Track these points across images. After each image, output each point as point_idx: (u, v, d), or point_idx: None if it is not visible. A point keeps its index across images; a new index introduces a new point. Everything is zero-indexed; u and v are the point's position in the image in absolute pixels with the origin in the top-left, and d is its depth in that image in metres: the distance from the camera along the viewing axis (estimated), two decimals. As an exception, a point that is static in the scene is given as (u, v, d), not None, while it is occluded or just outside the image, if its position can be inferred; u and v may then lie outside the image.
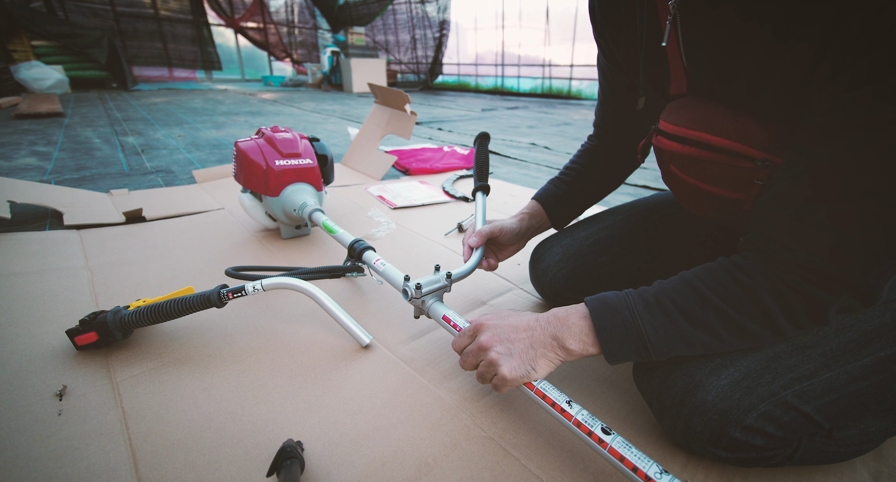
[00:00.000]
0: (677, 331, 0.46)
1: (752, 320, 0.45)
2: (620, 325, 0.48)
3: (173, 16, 7.55)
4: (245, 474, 0.52)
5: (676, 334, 0.47)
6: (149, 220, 1.30)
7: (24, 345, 0.72)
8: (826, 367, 0.48)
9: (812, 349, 0.49)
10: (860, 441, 0.53)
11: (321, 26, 9.67)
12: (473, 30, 8.00)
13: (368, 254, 0.84)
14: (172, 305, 0.70)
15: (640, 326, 0.47)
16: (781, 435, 0.48)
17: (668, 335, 0.47)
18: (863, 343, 0.48)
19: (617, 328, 0.48)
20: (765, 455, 0.51)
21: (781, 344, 0.50)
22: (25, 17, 5.24)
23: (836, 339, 0.49)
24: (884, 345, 0.48)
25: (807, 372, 0.48)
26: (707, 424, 0.49)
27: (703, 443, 0.50)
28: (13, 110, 3.44)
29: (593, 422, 0.47)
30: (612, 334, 0.48)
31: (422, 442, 0.57)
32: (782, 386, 0.47)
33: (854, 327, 0.49)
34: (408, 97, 1.86)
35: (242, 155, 1.09)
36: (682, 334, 0.46)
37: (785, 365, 0.48)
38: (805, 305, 0.43)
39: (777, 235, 0.44)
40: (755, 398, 0.47)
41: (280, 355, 0.73)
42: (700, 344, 0.47)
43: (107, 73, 6.05)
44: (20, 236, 1.13)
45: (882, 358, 0.48)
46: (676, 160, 0.57)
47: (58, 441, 0.55)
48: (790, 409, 0.47)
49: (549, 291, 0.86)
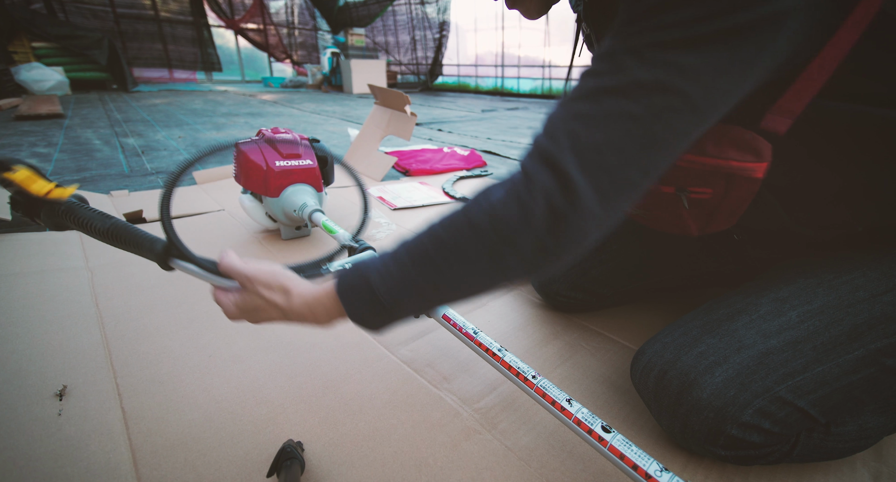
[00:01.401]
0: (399, 272, 0.41)
1: (477, 233, 0.38)
2: (356, 279, 0.43)
3: (173, 17, 7.55)
4: (245, 474, 0.52)
5: (398, 274, 0.41)
6: (149, 222, 1.30)
7: (24, 345, 0.72)
8: (818, 361, 0.48)
9: (803, 344, 0.49)
10: (858, 436, 0.53)
11: (321, 27, 9.67)
12: (473, 31, 8.00)
13: (368, 255, 0.84)
14: (115, 230, 0.53)
15: (369, 276, 0.42)
16: (778, 431, 0.49)
17: (391, 277, 0.41)
18: (853, 336, 0.48)
19: (354, 284, 0.43)
20: (763, 452, 0.51)
21: (773, 339, 0.50)
22: (26, 18, 5.24)
23: (827, 333, 0.49)
24: (874, 337, 0.48)
25: (799, 366, 0.48)
26: (704, 422, 0.49)
27: (701, 441, 0.51)
28: (13, 112, 3.44)
29: (593, 420, 0.47)
30: (350, 290, 0.43)
31: (422, 442, 0.57)
32: (776, 381, 0.48)
33: (845, 321, 0.49)
34: (408, 98, 1.86)
35: (243, 156, 1.09)
36: (404, 273, 0.41)
37: (777, 360, 0.49)
38: (520, 207, 0.36)
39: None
40: (750, 394, 0.47)
41: (280, 355, 0.73)
42: (425, 282, 0.40)
43: (107, 74, 6.05)
44: (20, 237, 1.13)
45: (873, 350, 0.48)
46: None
47: (58, 441, 0.55)
48: (785, 405, 0.48)
49: (548, 291, 0.86)
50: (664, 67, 0.33)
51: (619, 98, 0.34)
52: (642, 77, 0.33)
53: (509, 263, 0.38)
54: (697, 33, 0.32)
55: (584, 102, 0.36)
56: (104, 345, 0.74)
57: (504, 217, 0.36)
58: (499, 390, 0.67)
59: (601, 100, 0.35)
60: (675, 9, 0.32)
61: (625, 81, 0.34)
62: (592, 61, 0.38)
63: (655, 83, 0.33)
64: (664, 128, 0.34)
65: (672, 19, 0.32)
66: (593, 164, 0.35)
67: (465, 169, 2.11)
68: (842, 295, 0.50)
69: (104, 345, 0.74)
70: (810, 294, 0.52)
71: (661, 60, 0.33)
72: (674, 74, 0.33)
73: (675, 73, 0.33)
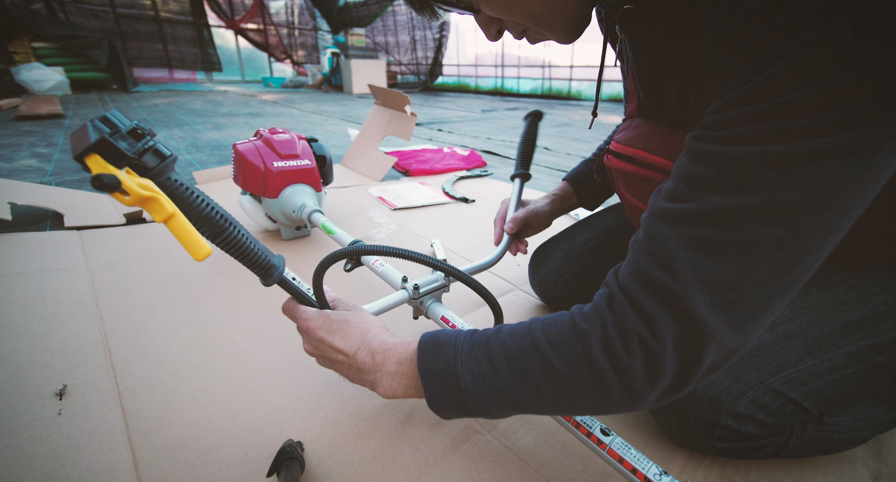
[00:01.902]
0: (497, 382, 0.37)
1: (580, 377, 0.34)
2: (442, 367, 0.39)
3: (173, 17, 7.56)
4: (245, 474, 0.52)
5: (496, 386, 0.37)
6: (149, 222, 1.30)
7: (24, 345, 0.72)
8: (810, 355, 0.49)
9: (795, 338, 0.50)
10: (853, 428, 0.54)
11: (321, 27, 9.68)
12: (473, 31, 8.00)
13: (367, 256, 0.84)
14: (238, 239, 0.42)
15: (459, 372, 0.38)
16: (772, 422, 0.49)
17: (486, 385, 0.37)
18: (845, 332, 0.49)
19: (439, 370, 0.39)
20: (759, 444, 0.51)
21: (766, 332, 0.50)
22: (26, 18, 5.25)
23: (819, 328, 0.50)
24: (865, 334, 0.48)
25: (791, 359, 0.49)
26: (699, 413, 0.50)
27: (698, 434, 0.51)
28: (14, 112, 3.44)
29: (592, 423, 0.47)
30: (433, 376, 0.40)
31: (422, 442, 0.57)
32: (769, 373, 0.48)
33: (836, 318, 0.50)
34: (408, 98, 1.86)
35: (241, 157, 1.09)
36: (503, 386, 0.37)
37: (770, 353, 0.49)
38: (638, 354, 0.32)
39: (633, 254, 0.35)
40: (743, 385, 0.48)
41: (280, 355, 0.73)
42: (523, 402, 0.37)
43: (107, 74, 6.06)
44: (21, 236, 1.13)
45: (864, 347, 0.48)
46: (622, 179, 0.58)
47: (58, 440, 0.55)
48: (778, 396, 0.48)
49: (551, 297, 0.86)
50: (818, 183, 0.27)
51: (759, 224, 0.29)
52: (791, 199, 0.28)
53: (617, 401, 0.34)
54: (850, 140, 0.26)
55: (708, 227, 0.30)
56: (104, 344, 0.74)
57: (625, 364, 0.32)
58: (498, 390, 0.67)
59: (733, 225, 0.29)
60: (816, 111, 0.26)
61: (766, 203, 0.28)
62: (695, 161, 0.32)
63: (811, 204, 0.28)
64: (818, 248, 0.29)
65: (827, 120, 0.26)
66: (730, 303, 0.30)
67: (465, 169, 2.11)
68: (835, 293, 0.51)
69: (104, 344, 0.74)
70: (803, 292, 0.52)
71: (812, 175, 0.27)
72: (830, 190, 0.27)
73: (832, 189, 0.27)
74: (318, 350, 0.48)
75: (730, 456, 0.53)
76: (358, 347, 0.45)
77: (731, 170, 0.29)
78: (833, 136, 0.26)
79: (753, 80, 0.28)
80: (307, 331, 0.48)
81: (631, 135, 0.55)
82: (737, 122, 0.29)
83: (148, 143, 0.33)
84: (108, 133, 0.31)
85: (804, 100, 0.26)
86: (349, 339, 0.46)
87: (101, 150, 0.30)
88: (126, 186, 0.31)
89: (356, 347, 0.45)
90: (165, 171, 0.35)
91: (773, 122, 0.27)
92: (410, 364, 0.42)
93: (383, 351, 0.44)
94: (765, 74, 0.27)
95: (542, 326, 0.37)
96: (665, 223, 0.32)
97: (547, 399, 0.36)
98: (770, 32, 0.27)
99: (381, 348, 0.45)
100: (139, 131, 0.33)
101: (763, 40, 0.28)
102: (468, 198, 1.64)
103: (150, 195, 0.32)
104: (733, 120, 0.29)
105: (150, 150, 0.33)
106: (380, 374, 0.44)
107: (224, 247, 0.41)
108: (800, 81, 0.26)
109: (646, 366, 0.32)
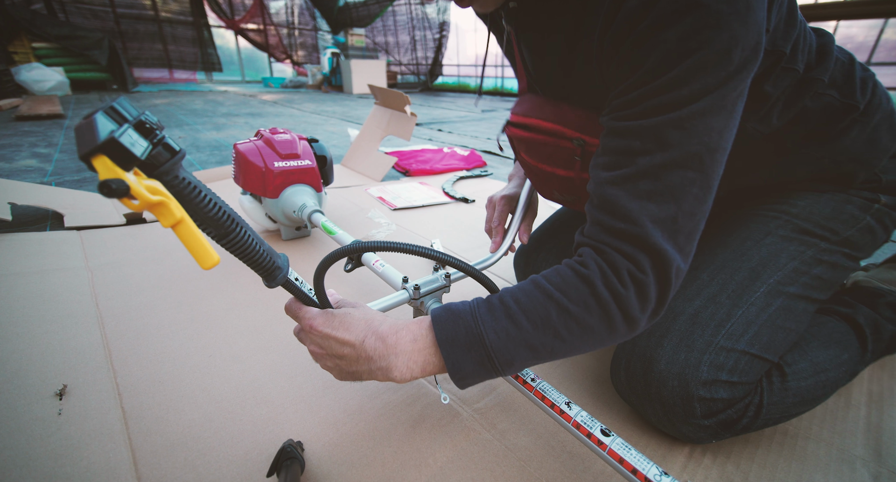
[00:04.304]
0: (519, 334, 0.42)
1: (590, 313, 0.41)
2: (463, 332, 0.42)
3: (173, 17, 7.56)
4: (245, 474, 0.52)
5: (519, 337, 0.42)
6: (149, 222, 1.30)
7: (24, 345, 0.72)
8: (736, 306, 0.55)
9: (719, 296, 0.56)
10: (814, 371, 0.59)
11: (321, 28, 9.68)
12: (473, 31, 8.01)
13: (367, 256, 0.84)
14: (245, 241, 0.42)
15: (483, 332, 0.42)
16: (737, 379, 0.53)
17: (510, 339, 0.42)
18: (754, 277, 0.57)
19: (459, 336, 0.42)
20: (738, 409, 0.54)
21: (696, 300, 0.56)
22: (26, 18, 5.25)
23: (733, 281, 0.57)
24: (770, 273, 0.57)
25: (724, 315, 0.55)
26: (673, 392, 0.53)
27: (682, 416, 0.53)
28: (14, 112, 3.44)
29: (592, 423, 0.47)
30: (454, 344, 0.42)
31: (422, 442, 0.57)
32: (712, 334, 0.54)
33: (742, 268, 0.58)
34: (408, 98, 1.86)
35: (241, 157, 1.09)
36: (525, 337, 0.42)
37: (705, 317, 0.55)
38: (631, 286, 0.41)
39: (596, 216, 0.44)
40: (697, 353, 0.53)
41: (280, 355, 0.73)
42: (543, 347, 0.42)
43: (107, 74, 6.05)
44: (21, 237, 1.13)
45: (774, 283, 0.57)
46: (523, 145, 0.66)
47: (58, 441, 0.55)
48: (729, 352, 0.53)
49: None
50: (707, 134, 0.38)
51: (679, 171, 0.39)
52: (695, 148, 0.38)
53: (619, 330, 0.42)
54: (721, 96, 0.38)
55: (647, 181, 0.40)
56: (104, 344, 0.74)
57: (623, 295, 0.40)
58: (498, 390, 0.67)
59: (661, 176, 0.39)
60: (690, 79, 0.37)
61: (679, 155, 0.39)
62: (620, 137, 0.41)
63: (706, 148, 0.39)
64: (715, 180, 0.40)
65: (697, 87, 0.37)
66: (674, 233, 0.40)
67: (465, 169, 2.11)
68: (734, 248, 0.61)
69: (104, 344, 0.74)
70: (711, 255, 0.61)
71: (702, 128, 0.38)
72: (715, 137, 0.39)
73: (716, 136, 0.39)
74: (322, 347, 0.48)
75: (721, 432, 0.54)
76: (365, 335, 0.45)
77: (650, 136, 0.39)
78: (707, 97, 0.37)
79: (643, 67, 0.39)
80: (311, 329, 0.48)
81: (526, 107, 0.63)
82: (641, 99, 0.39)
83: (157, 138, 0.31)
84: (118, 132, 0.28)
85: (680, 76, 0.37)
86: (354, 330, 0.46)
87: (110, 152, 0.28)
88: (135, 192, 0.28)
89: (363, 336, 0.45)
90: (174, 168, 0.33)
91: (666, 95, 0.38)
92: (426, 338, 0.44)
93: (395, 332, 0.45)
94: (649, 62, 0.38)
95: (547, 280, 0.44)
96: (613, 186, 0.42)
97: (564, 339, 0.42)
98: (644, 30, 0.38)
99: (393, 330, 0.45)
100: (147, 125, 0.30)
101: (642, 36, 0.38)
102: (468, 198, 1.64)
103: (159, 200, 0.30)
104: (639, 98, 0.39)
105: (159, 144, 0.31)
106: (393, 357, 0.44)
107: (229, 249, 0.40)
108: (673, 63, 0.37)
109: (637, 294, 0.40)
